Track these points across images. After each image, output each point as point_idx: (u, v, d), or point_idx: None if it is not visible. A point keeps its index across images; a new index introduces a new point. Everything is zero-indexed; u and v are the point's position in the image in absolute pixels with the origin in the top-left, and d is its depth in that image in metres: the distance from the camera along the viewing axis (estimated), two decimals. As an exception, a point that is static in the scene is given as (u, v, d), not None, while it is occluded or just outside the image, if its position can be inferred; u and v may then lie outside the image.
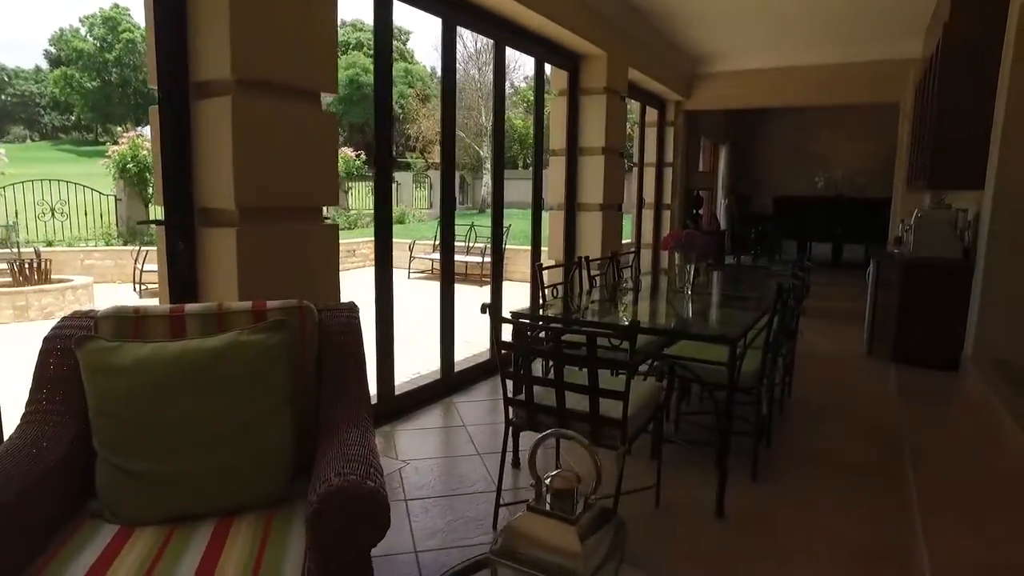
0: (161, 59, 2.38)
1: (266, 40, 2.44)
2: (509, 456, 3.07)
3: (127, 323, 1.77)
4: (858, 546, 2.47)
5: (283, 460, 1.72)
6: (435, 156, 24.55)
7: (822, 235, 9.18)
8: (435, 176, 19.58)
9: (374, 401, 3.68)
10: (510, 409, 2.48)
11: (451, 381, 4.30)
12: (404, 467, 3.09)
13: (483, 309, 2.22)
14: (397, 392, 3.85)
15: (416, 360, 5.10)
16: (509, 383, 2.48)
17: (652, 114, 7.90)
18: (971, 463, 2.85)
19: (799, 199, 9.28)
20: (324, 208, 2.86)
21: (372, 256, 3.86)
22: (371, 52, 4.39)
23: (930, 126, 4.44)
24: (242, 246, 2.42)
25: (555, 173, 5.70)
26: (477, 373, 4.57)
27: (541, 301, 3.41)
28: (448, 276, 4.21)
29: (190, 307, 1.87)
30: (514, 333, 2.33)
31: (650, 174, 8.03)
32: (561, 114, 5.61)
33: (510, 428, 2.58)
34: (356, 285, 9.99)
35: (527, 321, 2.20)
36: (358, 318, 2.09)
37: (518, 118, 26.56)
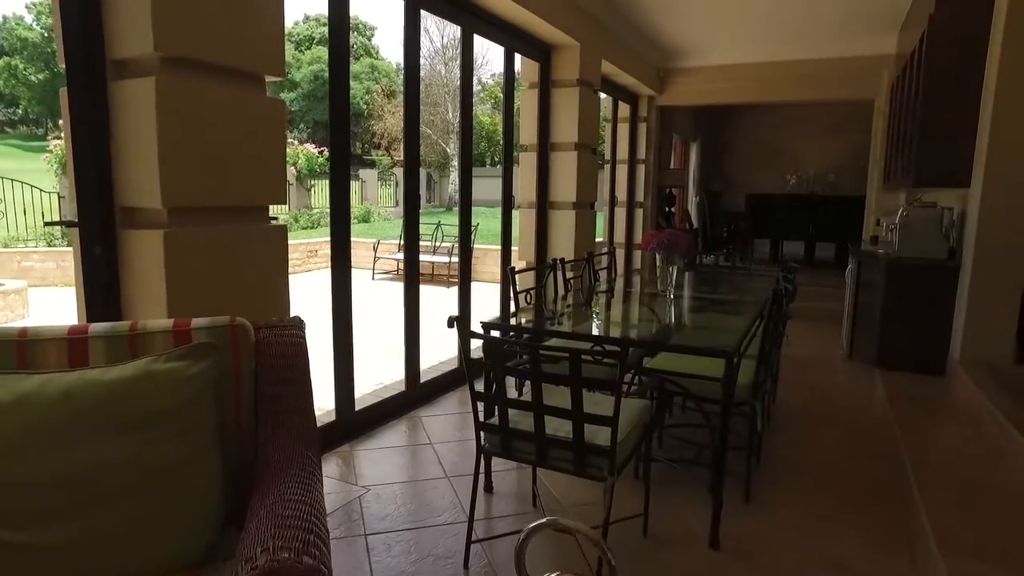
0: (70, 32, 2.03)
1: (198, 10, 2.10)
2: (481, 479, 2.79)
3: (8, 349, 1.44)
4: (866, 578, 2.25)
5: (207, 514, 1.41)
6: (401, 153, 24.08)
7: (794, 233, 9.10)
8: (401, 174, 19.13)
9: (331, 418, 3.37)
10: (481, 434, 2.20)
11: (417, 393, 3.99)
12: (364, 494, 2.78)
13: (450, 323, 1.93)
14: (358, 407, 3.53)
15: (379, 370, 4.78)
16: (480, 405, 2.20)
17: (624, 110, 7.68)
18: (981, 481, 2.66)
19: (771, 197, 9.18)
20: (279, 208, 2.54)
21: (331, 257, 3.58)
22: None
23: (916, 122, 4.28)
24: (171, 251, 2.09)
25: (526, 170, 5.42)
26: (445, 383, 4.27)
27: (514, 308, 3.13)
28: (413, 278, 3.90)
29: (95, 328, 1.54)
30: (485, 350, 2.04)
31: (622, 171, 7.82)
32: (532, 108, 5.33)
33: (481, 455, 2.29)
34: (317, 287, 9.61)
35: (500, 336, 1.92)
36: (304, 336, 1.78)
37: (485, 115, 26.27)
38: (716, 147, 11.75)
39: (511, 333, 2.83)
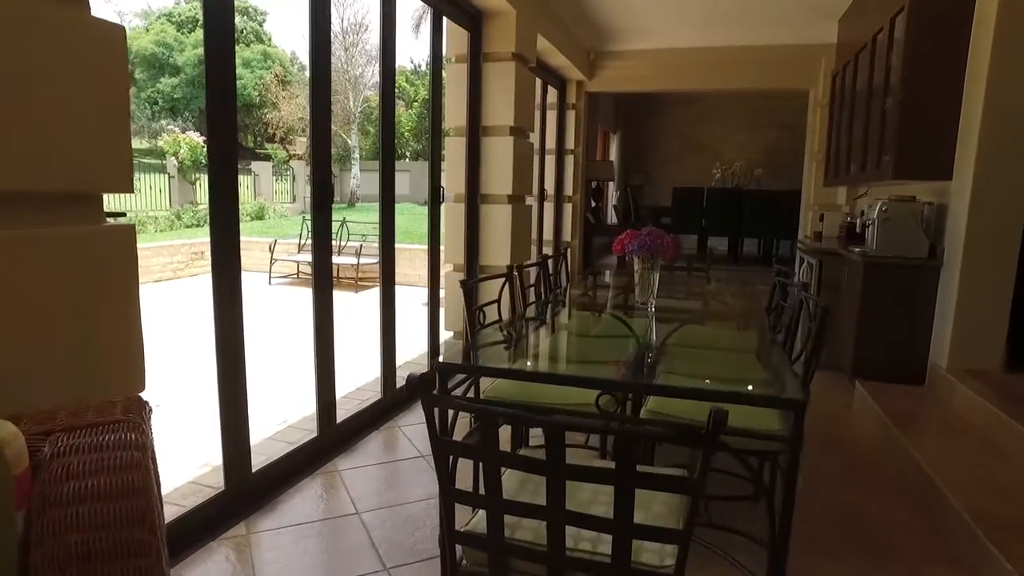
0: None
1: None
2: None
3: None
4: None
5: None
6: (297, 147, 22.49)
7: (722, 229, 8.83)
8: (299, 167, 17.70)
9: (220, 488, 2.48)
10: (456, 549, 1.42)
11: (333, 435, 3.15)
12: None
13: (411, 389, 1.15)
14: (256, 465, 2.65)
15: (283, 403, 3.86)
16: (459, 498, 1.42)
17: (552, 95, 7.05)
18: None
19: (699, 191, 8.87)
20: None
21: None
22: None
23: (894, 112, 3.88)
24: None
25: (453, 157, 4.65)
26: (367, 419, 3.44)
27: (469, 334, 2.37)
28: (324, 287, 3.05)
29: None
30: (478, 423, 1.27)
31: (550, 163, 7.19)
32: (460, 86, 4.56)
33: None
34: (204, 295, 8.24)
35: (499, 408, 1.17)
36: (144, 437, 0.96)
37: (397, 106, 25.03)
38: (637, 140, 11.42)
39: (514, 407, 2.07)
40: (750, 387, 1.96)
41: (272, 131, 23.54)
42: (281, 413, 3.68)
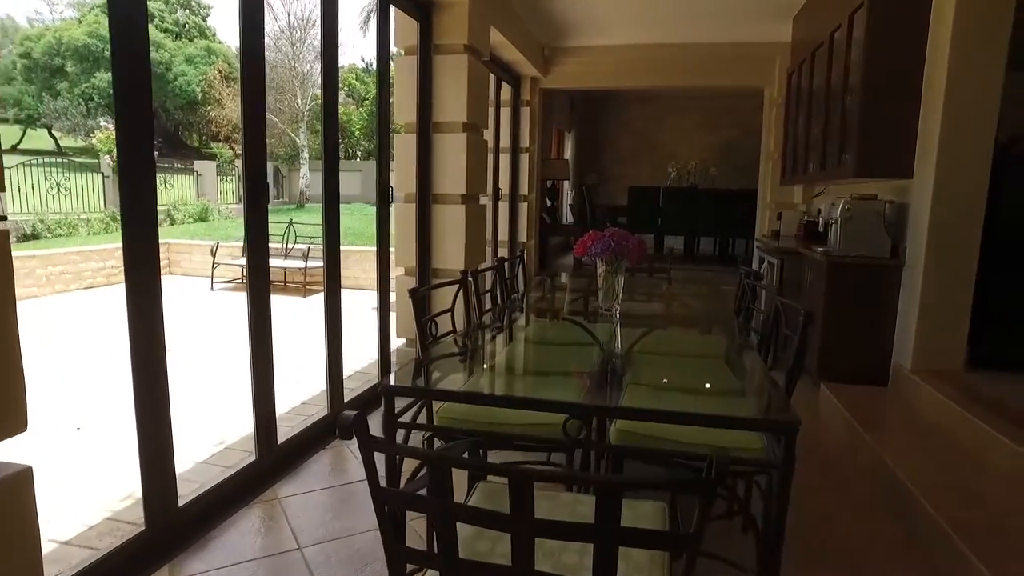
0: None
1: None
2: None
3: None
4: None
5: None
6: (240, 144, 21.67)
7: (678, 228, 8.79)
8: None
9: (139, 527, 2.19)
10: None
11: (274, 458, 2.88)
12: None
13: (342, 432, 0.93)
14: (185, 498, 2.37)
15: (220, 422, 3.56)
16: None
17: (506, 92, 6.85)
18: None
19: (654, 191, 8.81)
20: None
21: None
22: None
23: (856, 110, 3.81)
24: None
25: (403, 155, 4.41)
26: (309, 438, 3.18)
27: (419, 348, 2.15)
28: (260, 291, 2.78)
29: None
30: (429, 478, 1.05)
31: (504, 161, 6.99)
32: (410, 79, 4.32)
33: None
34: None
35: (453, 456, 0.95)
36: None
37: (342, 104, 24.47)
38: (592, 138, 11.33)
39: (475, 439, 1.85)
40: (728, 401, 1.80)
41: (216, 129, 22.69)
42: (219, 432, 3.38)
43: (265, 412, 2.84)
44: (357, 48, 29.03)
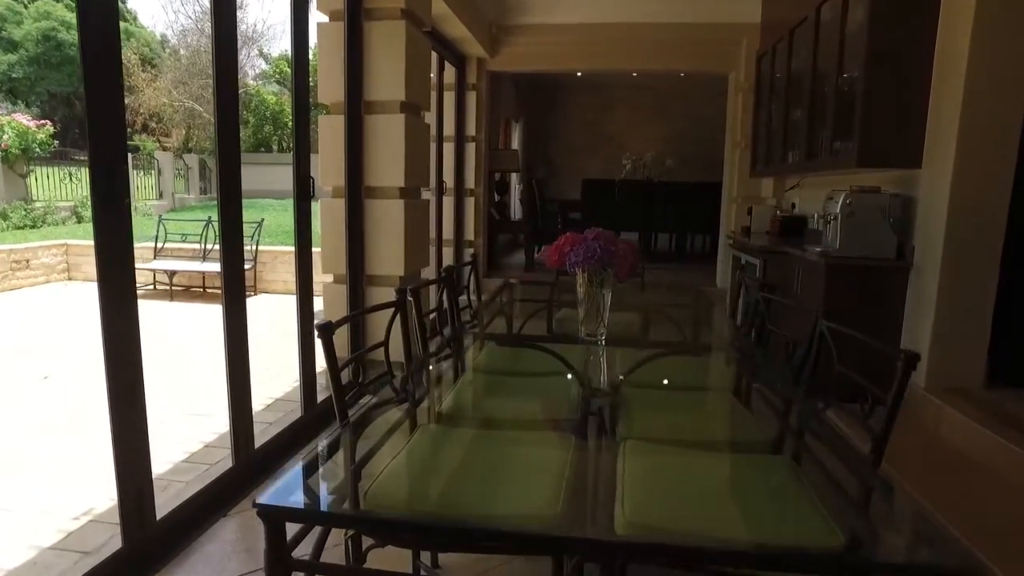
0: None
1: None
2: None
3: None
4: None
5: None
6: (174, 138, 20.15)
7: (634, 223, 8.28)
8: (165, 158, 15.67)
9: None
10: None
11: (148, 536, 2.13)
12: None
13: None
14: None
15: (89, 486, 2.75)
16: None
17: (450, 74, 6.16)
18: None
19: (609, 184, 8.27)
20: None
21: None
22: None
23: (857, 95, 3.31)
24: None
25: (329, 141, 3.69)
26: (208, 502, 2.44)
27: (336, 409, 1.46)
28: (122, 331, 2.03)
29: None
30: None
31: (448, 151, 6.30)
32: (336, 50, 3.59)
33: None
34: (27, 315, 6.73)
35: None
36: None
37: (270, 93, 23.13)
38: (540, 129, 10.74)
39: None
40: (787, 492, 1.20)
41: (133, 117, 21.03)
42: (90, 498, 2.60)
43: (136, 480, 2.09)
44: (288, 32, 27.55)
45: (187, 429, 3.27)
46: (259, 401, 3.58)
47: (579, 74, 8.54)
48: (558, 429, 1.63)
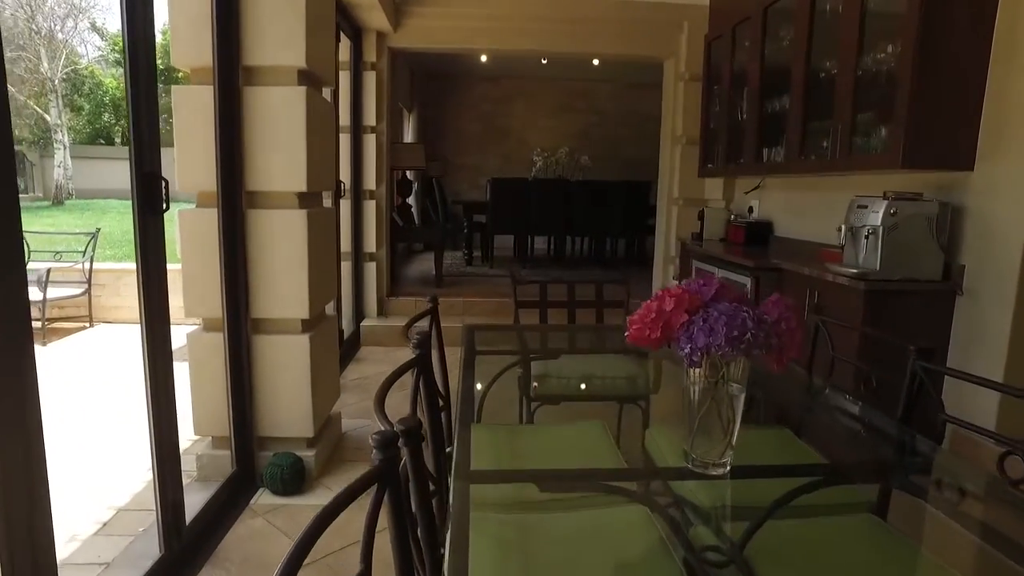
0: None
1: None
2: None
3: None
4: None
5: None
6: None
7: (549, 227, 7.50)
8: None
9: None
10: None
11: None
12: None
13: None
14: None
15: None
16: None
17: (344, 50, 5.01)
18: None
19: (521, 183, 7.41)
20: None
21: None
22: None
23: (897, 85, 2.64)
24: None
25: (191, 124, 2.51)
26: None
27: None
28: None
29: None
30: None
31: (345, 143, 5.15)
32: (196, -11, 2.43)
33: None
34: None
35: None
36: None
37: (112, 77, 20.17)
38: (434, 121, 9.71)
39: None
40: None
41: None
42: None
43: None
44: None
45: None
46: (82, 521, 2.36)
47: (483, 59, 7.62)
48: None
